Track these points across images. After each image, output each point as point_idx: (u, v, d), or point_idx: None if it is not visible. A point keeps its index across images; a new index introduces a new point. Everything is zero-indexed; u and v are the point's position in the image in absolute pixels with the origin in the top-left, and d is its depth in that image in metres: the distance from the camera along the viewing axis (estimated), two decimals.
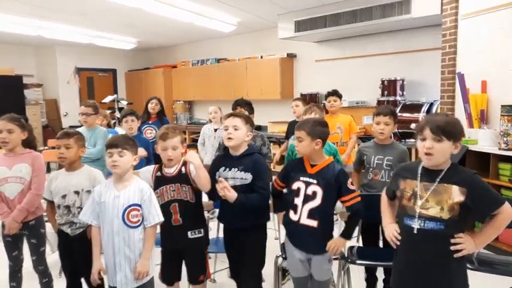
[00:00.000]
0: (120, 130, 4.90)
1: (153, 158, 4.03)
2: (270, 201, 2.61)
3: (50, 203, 2.60)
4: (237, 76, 8.20)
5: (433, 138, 1.80)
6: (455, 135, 1.81)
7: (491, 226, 1.85)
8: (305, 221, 2.33)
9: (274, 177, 2.64)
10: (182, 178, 2.49)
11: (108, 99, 7.86)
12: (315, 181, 2.33)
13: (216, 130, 4.81)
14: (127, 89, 10.84)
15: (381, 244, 3.05)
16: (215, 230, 3.19)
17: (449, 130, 1.79)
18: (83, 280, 2.61)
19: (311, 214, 2.32)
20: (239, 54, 8.36)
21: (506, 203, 1.82)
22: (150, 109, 5.21)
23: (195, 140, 7.34)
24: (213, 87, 8.76)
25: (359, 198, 2.31)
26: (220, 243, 2.90)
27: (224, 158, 2.57)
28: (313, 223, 2.32)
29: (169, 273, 2.58)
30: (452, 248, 1.81)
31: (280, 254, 2.85)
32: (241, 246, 2.52)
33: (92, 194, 2.37)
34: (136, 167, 2.51)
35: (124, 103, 8.71)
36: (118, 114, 7.44)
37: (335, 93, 4.42)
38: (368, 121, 5.75)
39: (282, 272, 3.05)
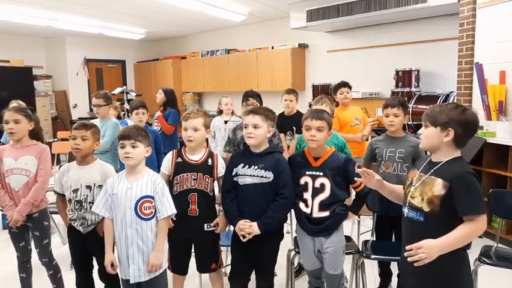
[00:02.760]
0: (130, 121, 4.86)
1: (161, 148, 4.03)
2: None
3: (61, 196, 2.55)
4: (247, 67, 8.11)
5: (424, 125, 1.86)
6: (441, 122, 1.78)
7: (457, 233, 1.69)
8: (317, 214, 2.34)
9: None
10: (207, 169, 2.46)
11: (117, 90, 7.81)
12: (321, 173, 2.33)
13: (226, 122, 4.74)
14: (136, 80, 10.80)
15: (393, 239, 3.00)
16: None
17: (433, 116, 1.81)
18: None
19: (322, 206, 2.32)
20: (250, 45, 8.27)
21: (484, 216, 1.70)
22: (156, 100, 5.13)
23: None
24: (223, 79, 8.68)
25: None
26: (231, 236, 2.85)
27: (243, 155, 2.49)
28: (325, 214, 2.34)
29: (181, 263, 2.54)
30: (409, 259, 1.67)
31: (293, 247, 2.80)
32: (255, 246, 2.43)
33: (104, 186, 2.33)
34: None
35: (133, 95, 8.67)
36: (127, 106, 7.41)
37: (346, 85, 4.33)
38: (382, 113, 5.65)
39: (298, 267, 3.00)
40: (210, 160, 2.48)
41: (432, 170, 1.82)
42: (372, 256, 2.69)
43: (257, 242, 2.35)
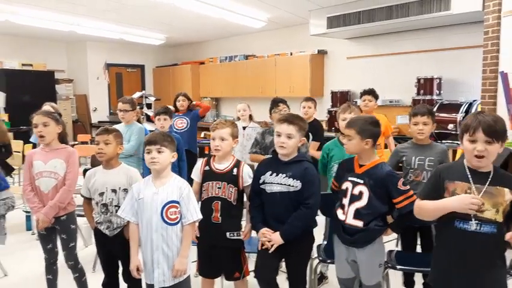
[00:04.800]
0: (148, 126, 4.91)
1: (182, 155, 4.03)
2: None
3: (88, 200, 2.59)
4: (265, 73, 8.13)
5: (485, 141, 1.74)
6: (504, 135, 1.77)
7: None
8: (351, 221, 2.28)
9: None
10: (231, 178, 2.47)
11: (136, 95, 7.89)
12: (361, 181, 2.27)
13: (244, 128, 4.75)
14: (154, 85, 10.91)
15: (419, 249, 2.97)
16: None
17: (500, 131, 1.75)
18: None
19: (357, 214, 2.27)
20: (268, 51, 8.29)
21: None
22: (179, 106, 5.18)
23: None
24: (240, 84, 8.72)
25: (413, 198, 2.18)
26: (255, 243, 2.84)
27: (271, 163, 2.49)
28: (359, 223, 2.26)
29: (208, 267, 2.55)
30: None
31: (316, 255, 2.78)
32: (284, 252, 2.42)
33: (130, 190, 2.35)
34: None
35: (151, 99, 8.77)
36: (145, 110, 7.49)
37: (371, 93, 4.29)
38: (402, 121, 5.60)
39: (319, 275, 2.97)
40: (235, 170, 2.50)
41: (488, 181, 1.79)
42: (398, 267, 2.66)
43: (284, 250, 2.36)
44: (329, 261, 2.70)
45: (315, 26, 6.52)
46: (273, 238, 2.33)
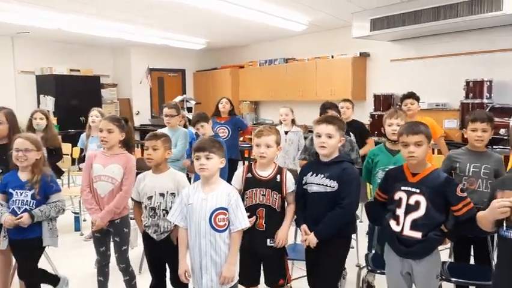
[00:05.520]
0: (193, 130, 4.99)
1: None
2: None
3: (138, 203, 2.65)
4: (306, 76, 8.07)
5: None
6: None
7: None
8: (408, 232, 2.21)
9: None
10: (275, 185, 2.46)
11: (177, 99, 8.07)
12: (417, 190, 2.20)
13: (286, 133, 4.72)
14: (194, 89, 11.07)
15: (472, 260, 2.86)
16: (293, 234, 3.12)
17: None
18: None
19: (415, 225, 2.19)
20: (308, 54, 8.23)
21: None
22: (221, 108, 5.23)
23: None
24: (280, 88, 8.70)
25: (471, 205, 2.14)
26: (298, 250, 2.82)
27: (313, 163, 2.54)
28: (417, 234, 2.19)
29: (249, 275, 2.53)
30: None
31: (365, 264, 2.72)
32: (320, 257, 2.41)
33: (180, 195, 2.38)
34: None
35: (192, 103, 8.92)
36: (186, 114, 7.61)
37: (411, 96, 4.16)
38: (450, 125, 5.42)
39: (367, 285, 2.91)
40: (278, 176, 2.49)
41: None
42: (453, 279, 2.56)
43: (319, 248, 2.38)
44: (378, 271, 2.63)
45: (358, 29, 6.40)
46: (309, 237, 2.37)
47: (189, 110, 8.61)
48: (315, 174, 2.43)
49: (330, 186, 2.36)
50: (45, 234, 2.66)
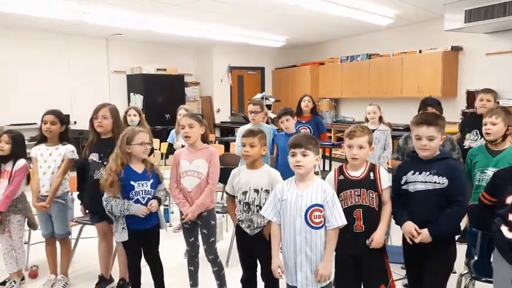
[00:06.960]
0: (274, 127, 5.00)
1: None
2: None
3: (231, 197, 2.70)
4: (390, 72, 7.77)
5: None
6: None
7: None
8: None
9: None
10: (370, 183, 2.36)
11: (257, 96, 8.14)
12: None
13: (373, 131, 4.54)
14: (273, 86, 11.14)
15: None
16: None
17: None
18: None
19: None
20: (393, 49, 7.91)
21: None
22: (303, 107, 5.17)
23: (341, 139, 7.14)
24: (362, 85, 8.45)
25: None
26: (396, 252, 2.69)
27: (412, 162, 2.40)
28: None
29: (349, 281, 2.42)
30: None
31: (467, 271, 2.54)
32: (428, 260, 2.28)
33: (274, 191, 2.38)
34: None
35: (271, 100, 8.95)
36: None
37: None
38: None
39: None
40: (371, 174, 2.38)
41: None
42: (483, 278, 2.41)
43: (428, 248, 2.26)
44: (483, 279, 2.44)
45: (451, 21, 6.01)
46: (422, 235, 2.24)
47: (268, 107, 8.66)
48: (418, 173, 2.31)
49: (439, 183, 2.24)
50: (161, 220, 2.88)
